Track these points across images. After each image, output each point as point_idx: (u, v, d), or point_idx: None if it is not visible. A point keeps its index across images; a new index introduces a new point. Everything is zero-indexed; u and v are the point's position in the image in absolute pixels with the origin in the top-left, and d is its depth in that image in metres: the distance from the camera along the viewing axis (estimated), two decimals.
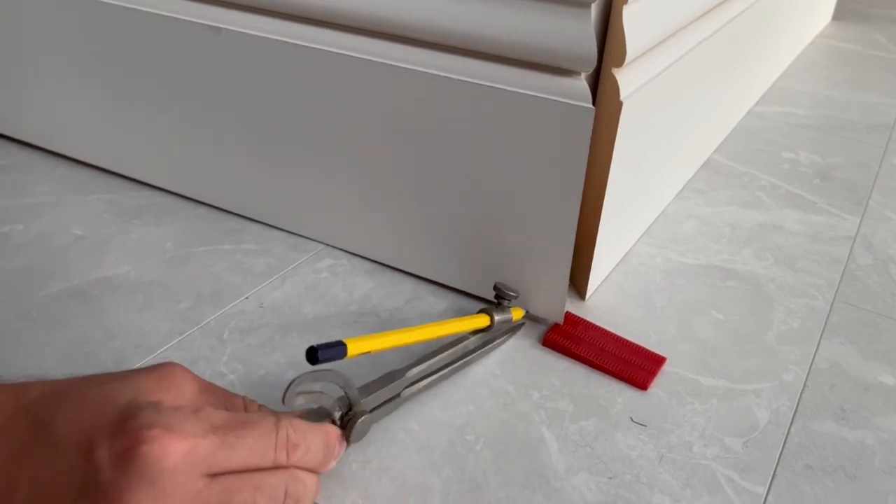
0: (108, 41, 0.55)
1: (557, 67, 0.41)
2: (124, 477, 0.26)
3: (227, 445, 0.28)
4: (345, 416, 0.35)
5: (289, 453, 0.30)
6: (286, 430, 0.30)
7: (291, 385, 0.32)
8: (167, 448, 0.26)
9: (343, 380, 0.34)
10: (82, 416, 0.27)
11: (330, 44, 0.46)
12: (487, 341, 0.45)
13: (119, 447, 0.26)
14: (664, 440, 0.39)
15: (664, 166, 0.58)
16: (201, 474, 0.27)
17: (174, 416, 0.27)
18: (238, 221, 0.56)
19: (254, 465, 0.29)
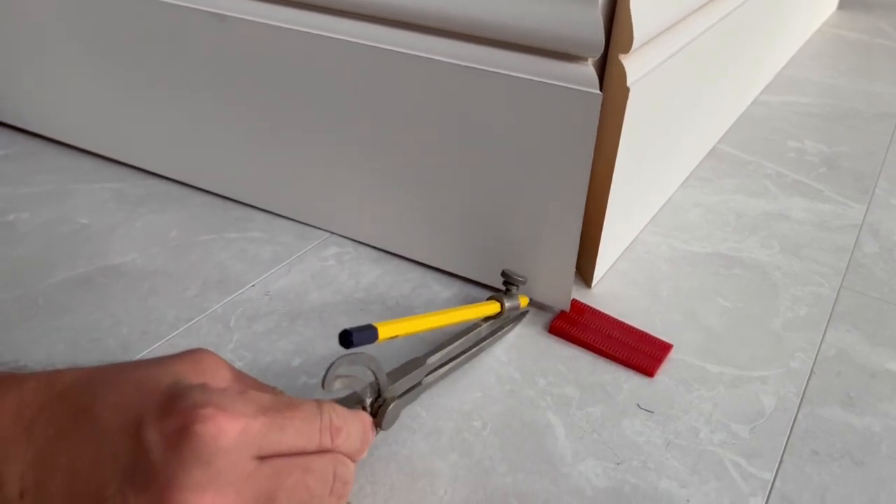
0: (113, 29, 0.55)
1: (564, 53, 0.41)
2: (177, 457, 0.25)
3: (276, 427, 0.27)
4: (374, 402, 0.35)
5: (332, 437, 0.29)
6: (329, 415, 0.29)
7: (331, 369, 0.32)
8: (222, 427, 0.25)
9: (375, 364, 0.34)
10: (125, 399, 0.26)
11: (335, 30, 0.46)
12: (497, 329, 0.45)
13: (171, 427, 0.25)
14: (671, 426, 0.40)
15: (670, 154, 0.58)
16: (252, 456, 0.26)
17: (224, 396, 0.26)
18: (244, 210, 0.56)
19: (301, 448, 0.28)
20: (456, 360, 0.42)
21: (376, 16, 0.45)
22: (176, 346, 0.43)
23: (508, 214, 0.46)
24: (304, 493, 0.28)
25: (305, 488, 0.28)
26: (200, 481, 0.25)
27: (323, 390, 0.31)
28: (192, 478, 0.25)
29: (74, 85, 0.60)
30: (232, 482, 0.25)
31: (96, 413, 0.26)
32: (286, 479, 0.27)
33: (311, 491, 0.28)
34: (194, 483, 0.25)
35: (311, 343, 0.44)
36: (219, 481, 0.25)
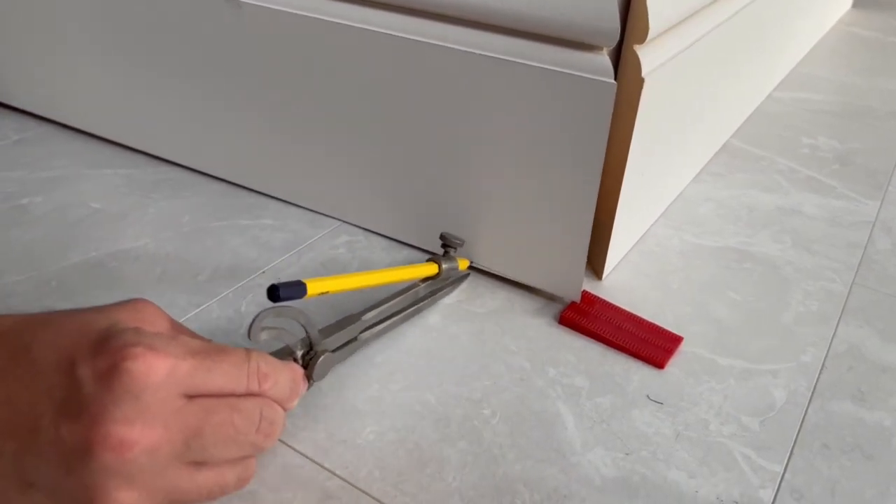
0: (127, 16, 0.55)
1: (579, 42, 0.41)
2: (108, 392, 0.26)
3: (204, 368, 0.29)
4: (306, 355, 0.36)
5: (260, 382, 0.31)
6: (257, 361, 0.31)
7: (256, 320, 0.33)
8: (151, 365, 0.27)
9: (304, 317, 0.36)
10: (61, 339, 0.28)
11: (349, 18, 0.46)
12: (436, 290, 0.46)
13: (103, 364, 0.27)
14: (680, 418, 0.39)
15: (683, 148, 0.58)
16: (181, 394, 0.28)
17: (155, 338, 0.28)
18: (256, 198, 0.56)
19: (229, 390, 0.30)
20: (393, 318, 0.43)
21: (391, 4, 0.45)
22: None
23: (521, 204, 0.45)
24: (230, 429, 0.29)
25: (231, 425, 0.29)
26: (129, 414, 0.26)
27: (249, 341, 0.33)
28: (122, 410, 0.26)
29: (87, 71, 0.60)
30: (160, 416, 0.27)
31: (34, 352, 0.28)
32: (213, 417, 0.29)
33: (237, 428, 0.29)
34: (123, 415, 0.26)
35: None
36: (147, 415, 0.27)
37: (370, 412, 0.38)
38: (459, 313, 0.46)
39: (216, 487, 0.30)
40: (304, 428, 0.37)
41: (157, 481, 0.27)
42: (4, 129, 0.64)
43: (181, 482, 0.28)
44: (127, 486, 0.27)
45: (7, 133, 0.64)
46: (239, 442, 0.30)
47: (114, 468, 0.26)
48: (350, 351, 0.40)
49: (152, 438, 0.27)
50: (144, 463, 0.27)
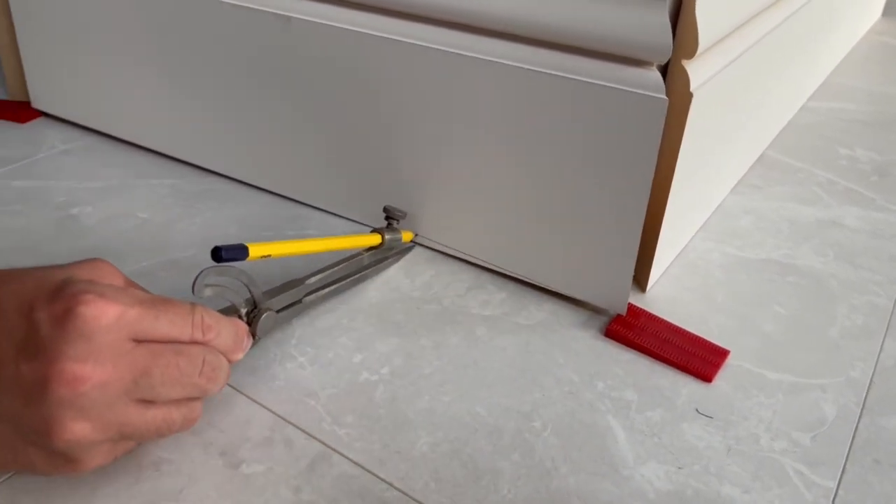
0: (175, 29, 0.56)
1: (629, 58, 0.41)
2: (62, 333, 0.29)
3: (151, 316, 0.32)
4: (250, 313, 0.39)
5: (204, 332, 0.34)
6: (201, 313, 0.34)
7: (199, 277, 0.36)
8: (101, 309, 0.30)
9: (247, 277, 0.38)
10: (23, 289, 0.31)
11: (399, 33, 0.47)
12: (380, 259, 0.49)
13: (58, 308, 0.30)
14: (731, 432, 0.40)
15: (723, 160, 0.58)
16: (129, 338, 0.31)
17: (107, 288, 0.31)
18: (300, 208, 0.57)
19: (174, 337, 0.32)
20: (337, 283, 0.46)
21: (443, 19, 0.46)
22: None
23: (569, 217, 0.46)
24: (174, 370, 0.32)
25: (176, 367, 0.32)
26: (81, 353, 0.29)
27: (193, 295, 0.35)
28: (75, 349, 0.29)
29: (132, 83, 0.61)
30: (109, 356, 0.30)
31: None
32: (159, 359, 0.32)
33: (181, 370, 0.32)
34: (76, 354, 0.29)
35: (371, 340, 0.44)
36: (98, 354, 0.30)
37: (423, 423, 0.39)
38: (505, 325, 0.46)
39: (164, 424, 0.33)
40: (359, 438, 0.38)
41: (109, 415, 0.30)
42: (51, 140, 0.65)
43: (131, 417, 0.31)
44: (81, 418, 0.30)
45: (54, 143, 0.65)
46: (183, 383, 0.32)
47: (68, 401, 0.29)
48: (294, 313, 0.43)
49: (103, 375, 0.30)
50: (96, 397, 0.30)
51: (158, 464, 0.36)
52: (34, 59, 0.67)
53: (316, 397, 0.40)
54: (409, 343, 0.44)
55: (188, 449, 0.37)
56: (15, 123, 0.68)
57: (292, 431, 0.38)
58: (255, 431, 0.38)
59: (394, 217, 0.49)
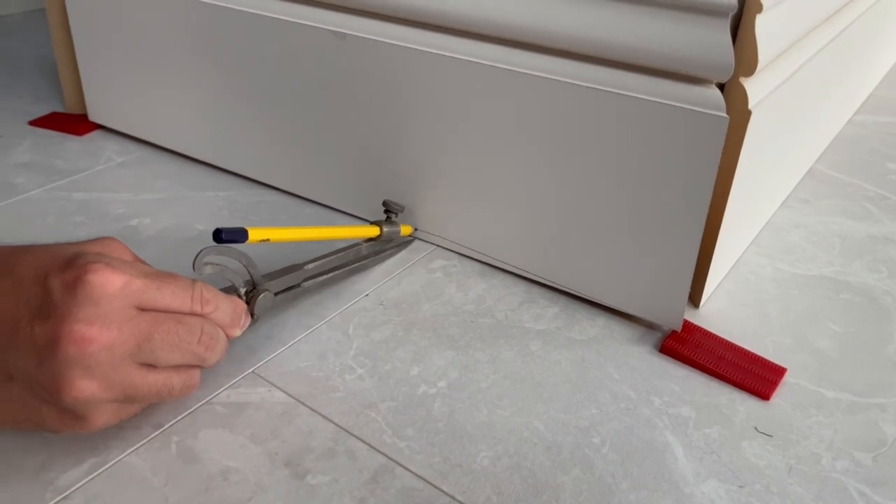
0: (228, 45, 0.58)
1: (689, 76, 0.41)
2: (72, 298, 0.32)
3: (154, 287, 0.34)
4: (249, 292, 0.41)
5: (203, 305, 0.36)
6: (200, 288, 0.37)
7: (200, 254, 0.38)
8: (109, 278, 0.33)
9: (246, 259, 0.41)
10: (39, 260, 0.34)
11: (455, 50, 0.48)
12: (379, 251, 0.52)
13: (69, 276, 0.32)
14: (791, 451, 0.39)
15: (774, 174, 0.57)
16: (133, 305, 0.34)
17: (114, 260, 0.34)
18: (350, 221, 0.58)
19: (175, 308, 0.35)
20: (335, 271, 0.48)
21: (503, 38, 0.46)
22: (299, 352, 0.44)
23: (624, 233, 0.46)
24: (175, 337, 0.35)
25: (176, 334, 0.35)
26: (89, 316, 0.32)
27: (194, 272, 0.38)
28: (83, 313, 0.32)
29: (186, 97, 0.63)
30: (115, 321, 0.33)
31: (17, 270, 0.34)
32: (160, 326, 0.34)
33: (181, 337, 0.35)
34: (84, 317, 0.32)
35: (427, 352, 0.45)
36: (104, 318, 0.32)
37: (482, 437, 0.39)
38: (559, 340, 0.46)
39: (164, 388, 0.35)
40: (420, 451, 0.38)
41: (114, 376, 0.33)
42: (108, 152, 0.67)
43: (134, 379, 0.34)
44: (88, 377, 0.32)
45: (111, 156, 0.67)
46: (182, 349, 0.35)
47: (76, 360, 0.32)
48: (293, 296, 0.45)
49: (108, 338, 0.32)
50: (103, 358, 0.32)
51: (226, 473, 0.37)
52: (91, 73, 0.69)
53: (376, 409, 0.41)
54: (465, 356, 0.45)
55: (253, 458, 0.37)
56: (73, 136, 0.70)
57: (354, 443, 0.39)
58: (318, 442, 0.38)
59: (392, 211, 0.52)
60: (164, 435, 0.38)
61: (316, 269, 0.47)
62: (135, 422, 0.39)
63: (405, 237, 0.54)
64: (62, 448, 0.37)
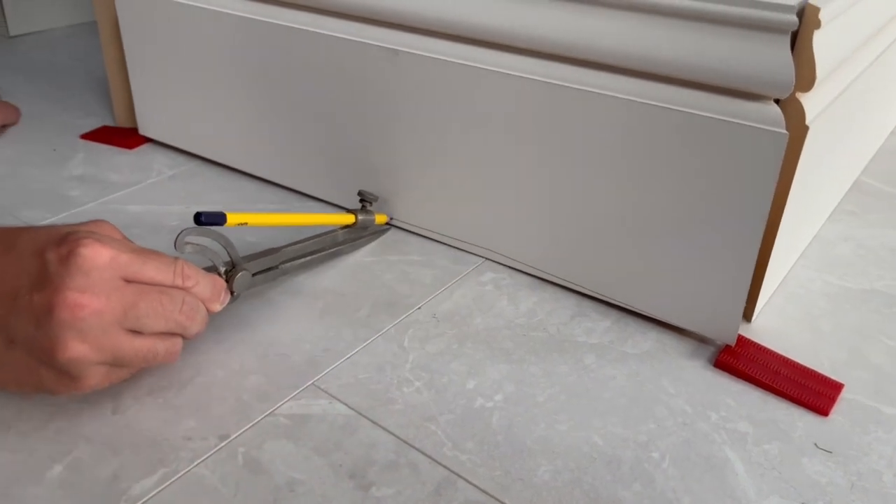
0: (281, 61, 0.59)
1: (747, 92, 0.41)
2: (66, 269, 0.36)
3: (139, 261, 0.38)
4: (229, 272, 0.45)
5: (184, 279, 0.40)
6: (182, 265, 0.40)
7: (181, 235, 0.42)
8: (98, 251, 0.36)
9: (225, 240, 0.44)
10: (38, 237, 0.38)
11: (509, 67, 0.48)
12: (355, 238, 0.55)
13: (63, 250, 0.36)
14: (852, 468, 0.39)
15: (824, 188, 0.57)
16: (120, 277, 0.37)
17: (104, 237, 0.38)
18: (400, 234, 0.58)
19: (159, 281, 0.39)
20: (313, 255, 0.52)
21: (558, 55, 0.47)
22: (357, 364, 0.45)
23: (678, 247, 0.46)
24: (158, 306, 0.38)
25: (160, 303, 0.38)
26: (81, 285, 0.36)
27: (175, 250, 0.42)
28: (75, 282, 0.36)
29: (235, 111, 0.64)
30: (104, 290, 0.36)
31: (19, 245, 0.38)
32: (145, 295, 0.38)
33: (164, 306, 0.39)
34: (76, 285, 0.36)
35: (482, 366, 0.45)
36: (94, 287, 0.36)
37: (541, 451, 0.40)
38: (613, 354, 0.47)
39: (149, 353, 0.39)
40: (481, 464, 0.39)
41: (103, 339, 0.36)
42: (159, 165, 0.69)
43: (122, 343, 0.37)
44: (80, 339, 0.36)
45: (161, 169, 0.68)
46: (166, 317, 0.39)
47: (69, 324, 0.35)
48: (272, 277, 0.49)
49: (98, 305, 0.36)
50: (93, 323, 0.36)
51: (292, 484, 0.37)
52: (142, 88, 0.70)
53: (435, 422, 0.41)
54: (520, 370, 0.45)
55: (318, 470, 0.38)
56: (124, 149, 0.71)
57: (416, 455, 0.39)
58: (380, 455, 0.39)
59: (367, 200, 0.55)
60: (230, 446, 0.39)
61: (294, 252, 0.50)
62: (201, 433, 0.40)
63: (380, 226, 0.58)
64: (133, 458, 0.38)
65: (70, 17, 1.11)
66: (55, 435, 0.40)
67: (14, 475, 0.37)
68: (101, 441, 0.39)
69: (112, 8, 0.69)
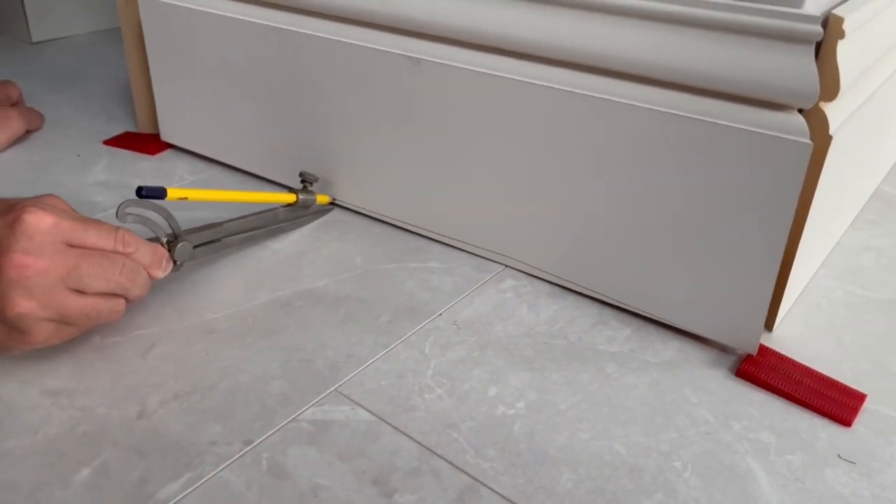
0: (303, 69, 0.59)
1: (772, 102, 0.41)
2: (13, 234, 0.40)
3: (81, 228, 0.42)
4: (171, 242, 0.49)
5: (125, 246, 0.44)
6: (123, 233, 0.44)
7: (122, 205, 0.46)
8: (42, 218, 0.40)
9: (166, 212, 0.48)
10: None
11: (534, 77, 0.48)
12: (298, 216, 0.59)
13: (10, 217, 0.40)
14: (876, 479, 0.39)
15: (846, 198, 0.57)
16: (63, 241, 0.41)
17: (48, 206, 0.42)
18: (420, 240, 0.59)
19: (100, 246, 0.43)
20: (254, 231, 0.56)
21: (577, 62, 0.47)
22: (379, 371, 0.45)
23: (700, 256, 0.46)
24: (99, 268, 0.42)
25: (101, 266, 0.42)
26: (26, 247, 0.40)
27: (117, 219, 0.45)
28: (21, 245, 0.39)
29: (254, 118, 0.65)
30: (48, 253, 0.40)
31: None
32: (87, 258, 0.42)
33: (104, 268, 0.42)
34: (22, 248, 0.39)
35: (504, 373, 0.45)
36: (38, 250, 0.40)
37: (564, 459, 0.40)
38: (634, 363, 0.47)
39: (93, 311, 0.42)
40: (503, 472, 0.39)
41: (48, 297, 0.40)
42: (180, 171, 0.69)
43: (67, 301, 0.41)
44: (26, 297, 0.39)
45: (183, 174, 0.69)
46: (107, 279, 0.42)
47: (16, 282, 0.39)
48: (213, 249, 0.52)
49: (42, 265, 0.40)
50: (38, 282, 0.40)
51: (316, 490, 0.38)
52: (165, 94, 0.71)
53: (457, 429, 0.41)
54: (541, 378, 0.45)
55: (342, 476, 0.38)
56: (146, 155, 0.72)
57: (438, 462, 0.39)
58: (403, 461, 0.39)
59: (308, 181, 0.58)
60: (255, 451, 0.40)
61: (235, 227, 0.54)
62: (225, 437, 0.40)
63: (322, 206, 0.61)
64: (159, 462, 0.39)
65: (92, 24, 1.12)
66: (83, 439, 0.40)
67: (42, 479, 0.38)
68: (128, 445, 0.40)
69: (136, 15, 0.70)
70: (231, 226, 0.53)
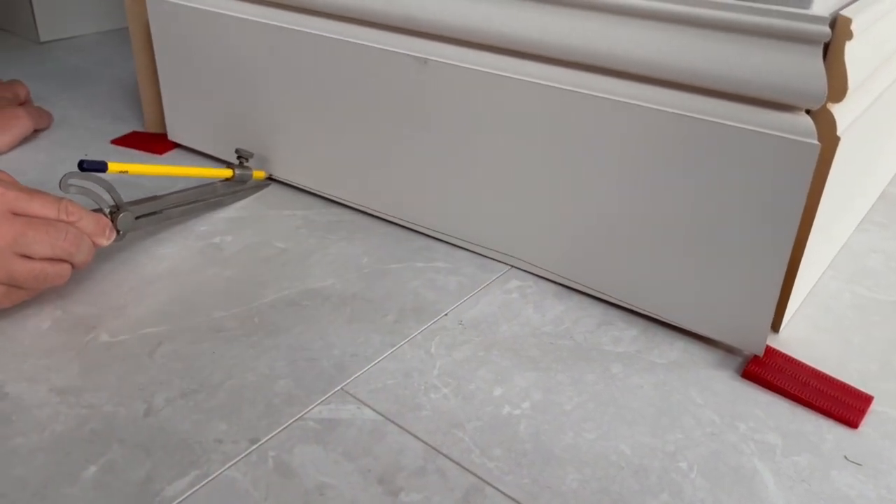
0: (310, 69, 0.60)
1: (779, 103, 0.41)
2: None
3: (26, 198, 0.45)
4: (113, 212, 0.52)
5: (68, 215, 0.47)
6: (66, 203, 0.47)
7: (64, 177, 0.49)
8: None
9: (107, 184, 0.51)
10: None
11: (540, 77, 0.48)
12: (235, 191, 0.63)
13: None
14: (883, 481, 0.39)
15: (853, 199, 0.57)
16: (8, 210, 0.44)
17: None
18: (425, 240, 0.59)
19: (44, 215, 0.46)
20: (195, 203, 0.59)
21: (584, 63, 0.47)
22: (385, 370, 0.45)
23: (706, 257, 0.46)
24: (44, 235, 0.45)
25: (46, 232, 0.45)
26: None
27: (60, 190, 0.48)
28: None
29: (260, 117, 0.65)
30: None
31: None
32: (32, 225, 0.45)
33: (49, 234, 0.45)
34: None
35: (509, 373, 0.45)
36: None
37: (569, 460, 0.40)
38: (640, 363, 0.47)
39: (41, 274, 0.46)
40: (509, 472, 0.39)
41: None
42: None
43: (14, 265, 0.45)
44: None
45: None
46: (52, 244, 0.46)
47: None
48: (154, 220, 0.56)
49: None
50: None
51: (322, 489, 0.38)
52: (172, 94, 0.71)
53: (463, 429, 0.41)
54: (547, 378, 0.45)
55: (347, 475, 0.38)
56: (153, 154, 0.72)
57: (444, 462, 0.39)
58: (408, 460, 0.39)
59: (243, 156, 0.62)
60: (261, 450, 0.40)
61: (175, 200, 0.57)
62: (232, 436, 0.40)
63: (259, 181, 0.65)
64: (165, 460, 0.39)
65: (99, 24, 1.13)
66: (90, 436, 0.40)
67: (49, 476, 0.38)
68: (135, 443, 0.40)
69: (144, 15, 0.70)
70: (172, 198, 0.57)
